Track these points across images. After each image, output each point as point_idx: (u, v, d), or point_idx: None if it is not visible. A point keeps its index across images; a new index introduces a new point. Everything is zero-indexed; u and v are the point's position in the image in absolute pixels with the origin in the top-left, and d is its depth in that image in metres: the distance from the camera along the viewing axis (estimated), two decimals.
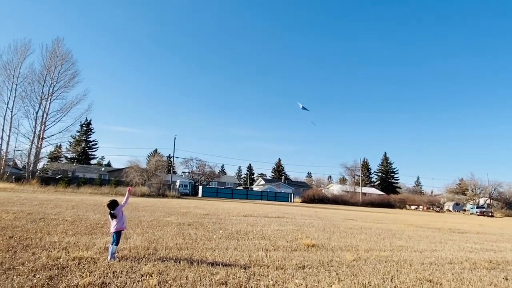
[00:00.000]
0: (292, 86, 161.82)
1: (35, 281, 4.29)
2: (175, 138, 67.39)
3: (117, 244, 5.76)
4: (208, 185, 67.12)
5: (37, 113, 41.61)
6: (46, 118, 42.18)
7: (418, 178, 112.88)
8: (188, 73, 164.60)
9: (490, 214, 52.37)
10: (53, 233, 8.03)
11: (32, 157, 41.09)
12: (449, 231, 17.09)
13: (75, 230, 8.73)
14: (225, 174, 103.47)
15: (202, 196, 53.03)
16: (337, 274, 5.86)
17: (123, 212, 6.03)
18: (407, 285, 5.41)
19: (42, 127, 41.83)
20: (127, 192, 6.51)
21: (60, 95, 43.58)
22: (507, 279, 6.48)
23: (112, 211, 5.84)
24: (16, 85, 41.04)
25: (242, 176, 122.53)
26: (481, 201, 69.08)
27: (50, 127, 43.02)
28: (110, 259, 5.60)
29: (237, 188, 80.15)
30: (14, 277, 4.38)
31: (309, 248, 8.37)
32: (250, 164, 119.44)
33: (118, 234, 5.79)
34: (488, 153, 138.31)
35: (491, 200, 69.03)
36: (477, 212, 54.16)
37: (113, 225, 5.78)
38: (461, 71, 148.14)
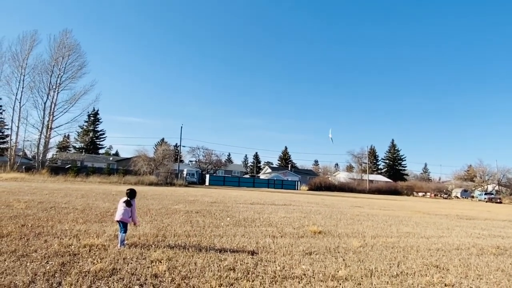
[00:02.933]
0: (298, 74, 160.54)
1: (48, 267, 4.39)
2: (181, 127, 67.81)
3: (125, 232, 5.84)
4: (215, 173, 67.52)
5: (45, 103, 42.07)
6: (54, 108, 42.63)
7: (425, 165, 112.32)
8: (194, 62, 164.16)
9: (498, 200, 52.00)
10: (64, 221, 8.18)
11: (41, 147, 41.64)
12: (457, 217, 17.04)
13: (85, 218, 8.88)
14: (232, 163, 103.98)
15: (209, 184, 53.39)
16: (343, 260, 5.91)
17: (134, 207, 6.05)
18: (414, 271, 5.44)
19: (51, 117, 42.26)
20: (134, 223, 6.23)
21: (68, 86, 43.99)
22: None
23: (129, 199, 5.92)
24: (24, 75, 41.49)
25: (248, 165, 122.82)
26: (490, 188, 68.60)
27: (58, 117, 43.52)
28: (120, 246, 5.70)
29: (244, 176, 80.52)
30: (28, 264, 4.49)
31: (316, 235, 8.43)
32: (256, 153, 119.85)
33: (123, 223, 5.84)
34: (497, 139, 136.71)
35: (500, 187, 68.51)
36: (485, 198, 53.86)
37: (120, 213, 5.81)
38: (468, 57, 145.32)
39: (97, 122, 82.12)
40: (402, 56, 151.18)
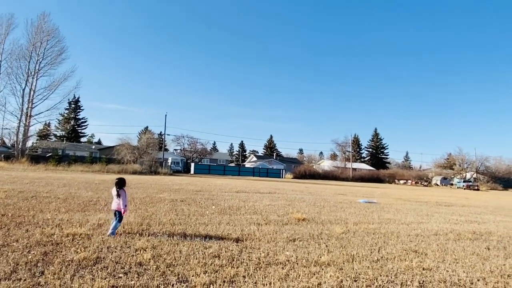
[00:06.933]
0: (282, 62, 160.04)
1: (30, 257, 4.34)
2: (166, 115, 66.54)
3: (119, 221, 5.83)
4: (200, 162, 67.19)
5: (24, 90, 40.69)
6: (33, 95, 41.30)
7: (407, 153, 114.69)
8: (177, 49, 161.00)
9: (476, 187, 53.75)
10: (46, 210, 8.06)
11: (20, 135, 40.50)
12: (436, 204, 17.58)
13: (68, 207, 8.77)
14: (217, 151, 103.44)
15: (194, 173, 53.20)
16: (326, 246, 6.05)
17: (124, 195, 5.97)
18: (394, 256, 5.62)
19: (30, 104, 40.99)
20: (124, 209, 5.98)
21: (47, 72, 42.58)
22: (489, 249, 6.76)
23: (118, 189, 5.89)
24: (0, 61, 39.94)
25: (234, 153, 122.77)
26: (468, 175, 70.77)
27: (38, 104, 42.18)
28: (110, 234, 5.68)
29: (229, 165, 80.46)
30: (9, 254, 4.42)
31: (300, 222, 8.57)
32: (242, 141, 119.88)
33: (118, 212, 5.83)
34: (476, 128, 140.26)
35: (478, 174, 70.74)
36: (463, 186, 55.56)
37: (114, 205, 5.84)
38: (450, 46, 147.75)
39: (78, 110, 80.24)
40: (384, 44, 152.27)
